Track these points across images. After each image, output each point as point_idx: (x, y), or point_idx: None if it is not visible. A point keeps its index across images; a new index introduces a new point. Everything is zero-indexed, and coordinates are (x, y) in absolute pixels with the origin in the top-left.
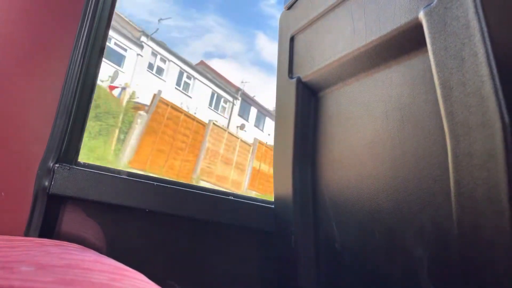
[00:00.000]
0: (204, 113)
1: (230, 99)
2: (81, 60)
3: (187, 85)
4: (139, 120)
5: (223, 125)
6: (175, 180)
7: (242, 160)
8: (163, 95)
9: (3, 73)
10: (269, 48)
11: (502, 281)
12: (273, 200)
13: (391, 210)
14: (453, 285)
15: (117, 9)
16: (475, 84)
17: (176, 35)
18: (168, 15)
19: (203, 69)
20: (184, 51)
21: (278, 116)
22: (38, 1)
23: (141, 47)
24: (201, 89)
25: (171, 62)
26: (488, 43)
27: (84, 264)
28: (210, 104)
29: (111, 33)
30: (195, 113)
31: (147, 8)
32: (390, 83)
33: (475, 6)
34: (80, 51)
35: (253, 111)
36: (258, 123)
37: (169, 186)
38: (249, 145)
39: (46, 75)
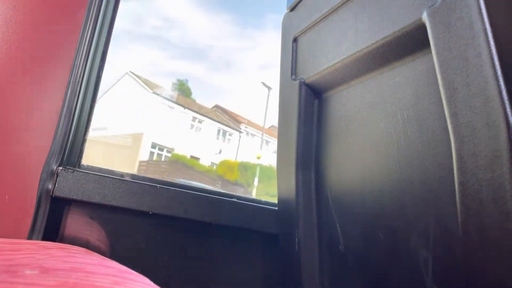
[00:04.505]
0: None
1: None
2: (84, 64)
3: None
4: None
5: None
6: (178, 183)
7: None
8: None
9: (6, 77)
10: None
11: (507, 283)
12: (276, 202)
13: (395, 212)
14: (458, 287)
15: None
16: (479, 85)
17: (233, 56)
18: (227, 37)
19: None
20: (239, 66)
21: (281, 118)
22: (41, 5)
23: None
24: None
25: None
26: (492, 43)
27: (87, 268)
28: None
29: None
30: None
31: (210, 33)
32: (393, 84)
33: (479, 7)
34: (83, 55)
35: None
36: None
37: (172, 188)
38: None
39: (49, 78)
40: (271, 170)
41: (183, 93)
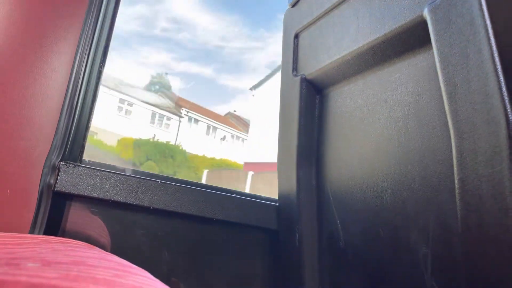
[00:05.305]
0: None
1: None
2: (86, 58)
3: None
4: None
5: None
6: (179, 178)
7: None
8: None
9: (8, 72)
10: None
11: (507, 279)
12: (277, 197)
13: (395, 208)
14: (457, 283)
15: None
16: (479, 81)
17: (242, 56)
18: (238, 38)
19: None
20: (248, 67)
21: (282, 114)
22: (43, 1)
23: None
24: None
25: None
26: (493, 40)
27: (89, 261)
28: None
29: None
30: None
31: (219, 34)
32: (394, 80)
33: (480, 3)
34: (85, 49)
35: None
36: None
37: (173, 184)
38: None
39: (51, 73)
40: (166, 146)
41: (162, 88)
